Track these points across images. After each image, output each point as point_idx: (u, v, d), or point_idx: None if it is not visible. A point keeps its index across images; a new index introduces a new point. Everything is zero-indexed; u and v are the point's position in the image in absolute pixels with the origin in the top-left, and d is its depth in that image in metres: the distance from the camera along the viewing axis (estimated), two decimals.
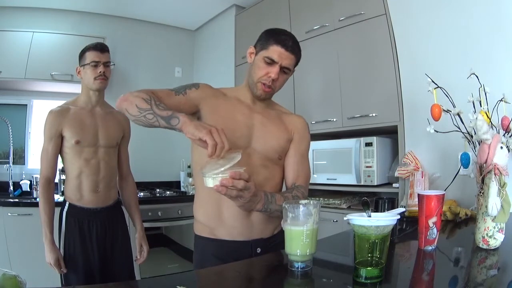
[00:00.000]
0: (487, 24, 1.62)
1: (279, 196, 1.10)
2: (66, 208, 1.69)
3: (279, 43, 1.13)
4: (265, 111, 1.24)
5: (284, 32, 1.17)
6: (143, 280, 1.98)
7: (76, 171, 1.68)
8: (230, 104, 1.20)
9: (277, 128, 1.22)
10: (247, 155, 1.14)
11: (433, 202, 1.02)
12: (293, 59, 1.16)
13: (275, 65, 1.13)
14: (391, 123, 2.03)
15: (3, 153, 2.99)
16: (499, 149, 1.00)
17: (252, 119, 1.20)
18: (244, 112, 1.20)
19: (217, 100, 1.19)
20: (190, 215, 3.13)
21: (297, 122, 1.28)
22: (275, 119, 1.25)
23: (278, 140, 1.21)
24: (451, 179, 1.39)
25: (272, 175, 1.21)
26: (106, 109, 1.81)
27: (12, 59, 2.74)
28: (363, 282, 0.77)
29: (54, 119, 1.65)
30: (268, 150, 1.19)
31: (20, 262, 2.25)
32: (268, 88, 1.16)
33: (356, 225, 0.77)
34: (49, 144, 1.65)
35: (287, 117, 1.28)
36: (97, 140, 1.72)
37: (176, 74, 3.81)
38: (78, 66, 1.73)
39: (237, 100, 1.22)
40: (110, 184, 1.79)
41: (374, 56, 2.11)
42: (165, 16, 3.54)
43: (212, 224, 1.18)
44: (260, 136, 1.19)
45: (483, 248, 1.02)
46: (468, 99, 1.16)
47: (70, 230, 1.66)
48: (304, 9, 2.55)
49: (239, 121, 1.17)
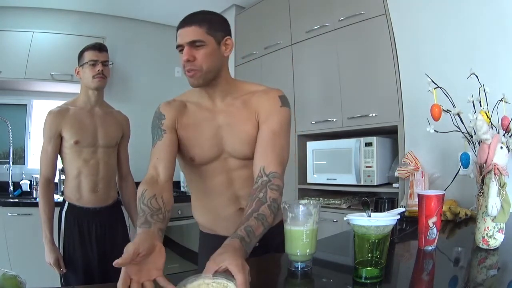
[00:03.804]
0: (487, 24, 1.62)
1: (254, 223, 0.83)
2: (66, 207, 1.69)
3: (179, 27, 1.05)
4: (227, 106, 1.11)
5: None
6: None
7: (75, 171, 1.68)
8: (191, 116, 1.11)
9: (243, 121, 1.08)
10: (223, 161, 1.11)
11: (433, 202, 1.02)
12: (195, 29, 1.01)
13: (182, 48, 1.03)
14: (391, 123, 2.03)
15: (3, 153, 2.99)
16: (499, 149, 1.00)
17: (216, 123, 1.10)
18: (207, 118, 1.10)
19: (182, 117, 1.10)
20: (190, 215, 3.14)
21: (263, 98, 1.09)
22: (239, 109, 1.10)
23: (248, 135, 1.07)
24: (451, 179, 1.39)
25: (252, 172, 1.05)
26: (105, 109, 1.80)
27: (12, 59, 2.74)
28: (363, 282, 0.77)
29: (53, 119, 1.65)
30: (242, 149, 1.09)
31: (20, 262, 2.25)
32: (191, 72, 1.02)
33: (356, 225, 0.77)
34: (48, 144, 1.65)
35: (253, 97, 1.10)
36: (96, 140, 1.72)
37: (176, 74, 3.81)
38: (77, 66, 1.73)
39: (197, 106, 1.12)
40: (110, 184, 1.78)
41: (374, 56, 2.11)
42: (165, 16, 3.54)
43: (212, 226, 1.21)
44: (229, 137, 1.09)
45: (483, 248, 1.02)
46: (468, 99, 1.16)
47: (69, 230, 1.66)
48: (304, 9, 2.55)
49: (205, 132, 1.09)
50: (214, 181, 1.13)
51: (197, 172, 1.14)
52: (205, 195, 1.18)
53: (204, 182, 1.15)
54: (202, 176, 1.14)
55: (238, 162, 1.11)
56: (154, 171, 1.03)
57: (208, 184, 1.14)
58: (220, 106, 1.11)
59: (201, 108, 1.12)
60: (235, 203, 1.15)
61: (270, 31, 2.79)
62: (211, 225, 1.20)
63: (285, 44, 2.68)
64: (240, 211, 1.14)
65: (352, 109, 2.21)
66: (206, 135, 1.09)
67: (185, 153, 1.12)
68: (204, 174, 1.13)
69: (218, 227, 1.17)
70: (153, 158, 1.06)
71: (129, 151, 1.96)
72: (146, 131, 1.26)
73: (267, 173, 0.97)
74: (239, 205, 1.15)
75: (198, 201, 1.22)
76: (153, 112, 1.16)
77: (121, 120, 1.86)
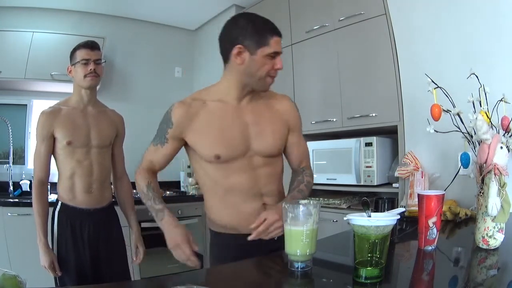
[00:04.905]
0: (487, 24, 1.62)
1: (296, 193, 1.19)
2: (59, 207, 1.66)
3: (276, 33, 1.11)
4: (254, 107, 1.20)
5: (267, 20, 1.14)
6: (143, 280, 1.98)
7: (69, 172, 1.65)
8: (215, 114, 1.16)
9: (271, 122, 1.20)
10: (248, 159, 1.17)
11: (433, 202, 1.02)
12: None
13: (278, 56, 1.12)
14: (391, 123, 2.03)
15: (3, 153, 2.99)
16: (499, 149, 1.00)
17: (243, 121, 1.17)
18: (234, 116, 1.16)
19: (197, 117, 1.15)
20: (190, 215, 3.15)
21: (287, 106, 1.27)
22: (265, 111, 1.21)
23: (275, 135, 1.20)
24: (451, 179, 1.39)
25: (275, 169, 1.24)
26: (98, 108, 1.77)
27: (12, 59, 2.73)
28: (363, 282, 0.77)
29: (45, 120, 1.62)
30: (268, 148, 1.19)
31: (20, 262, 2.24)
32: (273, 79, 1.16)
33: (356, 225, 0.77)
34: (41, 145, 1.62)
35: (275, 103, 1.25)
36: (89, 141, 1.68)
37: (176, 74, 3.81)
38: (69, 65, 1.70)
39: (221, 103, 1.17)
40: (104, 185, 1.75)
41: (374, 56, 2.11)
42: (165, 16, 3.54)
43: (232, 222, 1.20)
44: (256, 137, 1.17)
45: (483, 248, 1.02)
46: (468, 99, 1.16)
47: (62, 230, 1.63)
48: (304, 9, 2.55)
49: (232, 129, 1.15)
50: (238, 178, 1.16)
51: (219, 169, 1.17)
52: (227, 193, 1.19)
53: (227, 179, 1.17)
54: (225, 174, 1.17)
55: (263, 160, 1.18)
56: (151, 164, 1.24)
57: (232, 182, 1.17)
58: (246, 107, 1.19)
59: (226, 106, 1.17)
60: (259, 199, 1.19)
61: None
62: (231, 222, 1.19)
63: (285, 44, 2.67)
64: (263, 206, 1.19)
65: (352, 109, 2.21)
66: (234, 133, 1.15)
67: (207, 151, 1.14)
68: (227, 172, 1.16)
69: (240, 223, 1.16)
70: (151, 156, 1.23)
71: (130, 151, 1.95)
72: (146, 131, 1.26)
73: (302, 167, 1.29)
74: (262, 201, 1.19)
75: (217, 198, 1.21)
76: (153, 112, 1.17)
77: (115, 119, 1.82)
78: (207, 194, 1.24)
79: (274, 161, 1.22)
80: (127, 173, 1.92)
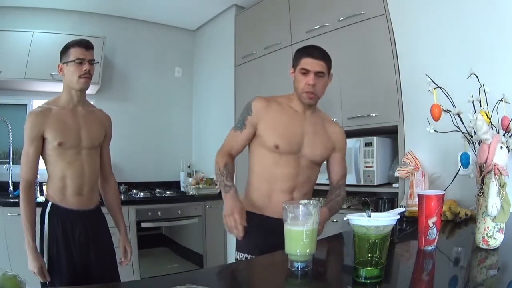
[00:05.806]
0: (487, 24, 1.62)
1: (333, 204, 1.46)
2: (49, 207, 1.61)
3: (307, 55, 1.36)
4: (314, 120, 1.47)
5: (311, 46, 1.42)
6: (143, 280, 1.98)
7: (60, 174, 1.60)
8: (285, 114, 1.43)
9: (324, 138, 1.47)
10: (297, 158, 1.42)
11: (433, 202, 1.02)
12: (323, 65, 1.36)
13: (309, 73, 1.35)
14: (391, 123, 2.03)
15: (3, 153, 2.99)
16: (499, 149, 1.00)
17: (304, 128, 1.43)
18: (298, 121, 1.43)
19: (272, 112, 1.42)
20: (190, 215, 3.15)
21: (338, 133, 1.53)
22: (321, 127, 1.48)
23: (323, 148, 1.46)
24: (451, 179, 1.39)
25: (313, 175, 1.49)
26: (87, 108, 1.72)
27: (12, 59, 2.73)
28: (363, 282, 0.77)
29: (35, 120, 1.56)
30: (315, 156, 1.44)
31: (20, 262, 2.23)
32: (311, 94, 1.37)
33: (356, 225, 0.77)
34: (30, 146, 1.56)
35: (329, 126, 1.52)
36: (80, 141, 1.63)
37: (176, 74, 3.81)
38: (60, 63, 1.63)
39: (291, 109, 1.45)
40: (94, 187, 1.71)
41: (374, 56, 2.11)
42: (165, 16, 3.54)
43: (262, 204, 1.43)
44: (310, 144, 1.43)
45: (483, 248, 1.02)
46: (468, 99, 1.16)
47: (53, 231, 1.58)
48: (304, 9, 2.55)
49: (294, 131, 1.41)
50: (284, 170, 1.41)
51: (273, 158, 1.41)
52: (268, 182, 1.42)
53: (276, 168, 1.41)
54: (276, 164, 1.41)
55: (308, 163, 1.44)
56: (231, 148, 1.46)
57: (278, 171, 1.41)
58: (309, 118, 1.46)
59: (294, 112, 1.45)
60: (290, 194, 1.42)
61: (270, 31, 2.79)
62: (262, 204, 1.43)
63: (285, 44, 2.68)
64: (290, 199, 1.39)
65: (352, 109, 2.21)
66: (294, 133, 1.41)
67: (270, 139, 1.40)
68: (278, 163, 1.41)
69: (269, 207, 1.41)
70: (231, 141, 1.47)
71: (130, 151, 1.94)
72: (146, 131, 1.26)
73: (340, 183, 1.53)
74: (292, 196, 1.41)
75: (260, 183, 1.45)
76: (152, 112, 1.18)
77: (103, 119, 1.78)
78: (252, 178, 1.49)
79: (314, 167, 1.48)
80: (113, 174, 1.88)
